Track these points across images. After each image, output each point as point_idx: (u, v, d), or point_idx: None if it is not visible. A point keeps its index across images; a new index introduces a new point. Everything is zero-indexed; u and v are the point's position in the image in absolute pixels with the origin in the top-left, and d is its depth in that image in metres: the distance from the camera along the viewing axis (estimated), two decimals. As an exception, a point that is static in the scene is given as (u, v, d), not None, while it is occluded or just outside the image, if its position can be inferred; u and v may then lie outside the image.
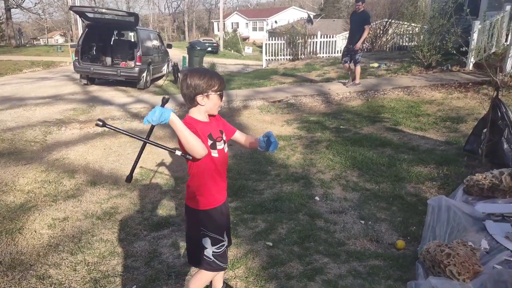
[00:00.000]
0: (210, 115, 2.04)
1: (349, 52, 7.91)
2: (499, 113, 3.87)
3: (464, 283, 2.39)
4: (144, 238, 3.16)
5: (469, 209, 3.27)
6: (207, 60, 16.73)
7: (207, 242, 2.06)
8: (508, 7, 7.72)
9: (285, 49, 15.58)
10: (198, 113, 1.99)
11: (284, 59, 15.61)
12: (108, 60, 10.85)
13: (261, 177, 4.34)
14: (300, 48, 15.13)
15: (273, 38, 16.90)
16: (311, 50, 15.48)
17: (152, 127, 1.84)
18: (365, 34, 7.76)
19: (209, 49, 29.61)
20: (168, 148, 1.95)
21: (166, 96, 2.02)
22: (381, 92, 7.79)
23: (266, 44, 16.17)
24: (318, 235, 3.17)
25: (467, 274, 2.41)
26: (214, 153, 1.99)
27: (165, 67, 12.18)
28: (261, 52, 17.85)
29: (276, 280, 2.61)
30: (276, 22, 41.20)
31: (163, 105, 1.84)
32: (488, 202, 3.43)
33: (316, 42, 15.56)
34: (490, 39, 7.89)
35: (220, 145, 2.03)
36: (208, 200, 2.04)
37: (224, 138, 2.08)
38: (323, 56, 15.29)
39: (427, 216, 3.03)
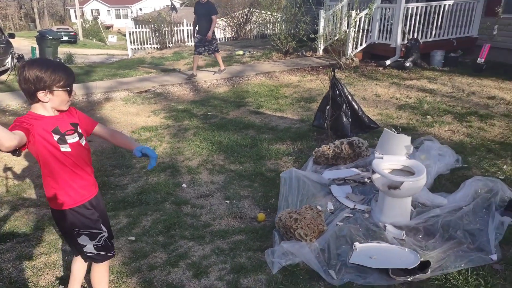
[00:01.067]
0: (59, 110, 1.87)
1: (203, 43, 7.98)
2: (337, 91, 4.41)
3: (311, 242, 2.69)
4: (-18, 255, 2.74)
5: (317, 177, 3.67)
6: (63, 50, 15.11)
7: (84, 239, 1.96)
8: (345, -1, 8.78)
9: (152, 38, 15.04)
10: (43, 109, 1.80)
11: (151, 48, 15.06)
12: None
13: (125, 171, 4.15)
14: (167, 36, 14.79)
15: (139, 26, 16.12)
16: (179, 39, 15.26)
17: None
18: (214, 24, 7.88)
19: (66, 38, 26.84)
20: None
21: None
22: (246, 78, 8.14)
23: (130, 32, 15.35)
24: (184, 221, 3.19)
25: (313, 234, 2.71)
26: (65, 148, 1.84)
27: (8, 60, 10.60)
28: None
29: (139, 273, 2.55)
30: (141, 9, 39.28)
31: None
32: (332, 169, 3.90)
33: (183, 30, 15.38)
34: (334, 27, 8.88)
35: (72, 139, 1.87)
36: (72, 199, 1.90)
37: (79, 131, 1.93)
38: (191, 45, 15.19)
39: (281, 188, 3.31)
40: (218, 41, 15.15)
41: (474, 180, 3.33)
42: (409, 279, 2.41)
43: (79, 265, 2.20)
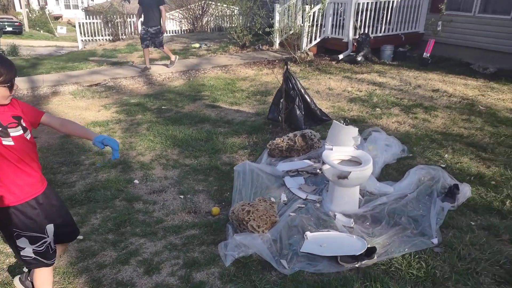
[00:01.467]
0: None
1: (150, 36, 7.71)
2: (290, 84, 4.47)
3: (263, 233, 2.72)
4: None
5: (271, 169, 3.71)
6: (7, 42, 14.19)
7: (23, 242, 1.86)
8: (300, -7, 8.88)
9: (104, 29, 14.44)
10: None
11: (103, 39, 14.47)
12: None
13: (73, 168, 3.98)
14: (120, 28, 14.27)
15: (90, 17, 15.42)
16: (133, 30, 14.77)
17: None
18: (164, 15, 7.65)
19: (9, 29, 25.18)
20: None
21: None
22: (202, 71, 8.05)
23: (81, 23, 14.64)
24: (136, 218, 3.12)
25: (265, 225, 2.75)
26: (7, 141, 1.75)
27: None
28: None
29: (87, 273, 2.47)
30: (92, -1, 37.56)
31: None
32: (286, 161, 3.96)
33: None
34: (289, 21, 8.98)
35: (15, 132, 1.78)
36: (14, 196, 1.80)
37: (23, 124, 1.83)
38: (146, 37, 14.77)
39: (234, 181, 3.32)
40: (174, 34, 14.88)
41: (417, 168, 3.52)
42: (357, 265, 2.51)
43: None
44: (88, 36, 14.62)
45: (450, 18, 8.16)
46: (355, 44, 8.34)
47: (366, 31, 8.36)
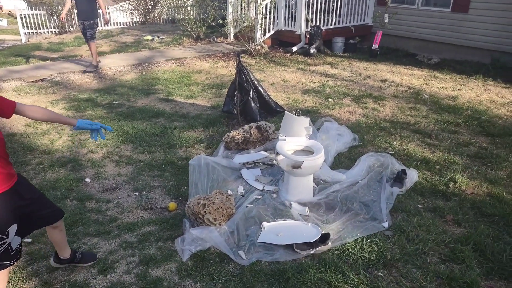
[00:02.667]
0: None
1: (84, 29, 7.22)
2: (243, 76, 4.48)
3: (220, 226, 2.73)
4: None
5: (227, 162, 3.72)
6: None
7: None
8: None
9: (49, 22, 13.64)
10: None
11: (49, 32, 13.67)
12: None
13: (19, 168, 3.76)
14: (67, 20, 13.53)
15: (33, 8, 14.48)
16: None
17: None
18: (103, 5, 7.28)
19: None
20: None
21: None
22: (155, 65, 7.85)
23: (23, 15, 13.73)
24: (88, 217, 3.01)
25: (222, 218, 2.76)
26: None
27: None
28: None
29: (37, 276, 2.36)
30: (35, -11, 35.26)
31: None
32: (243, 153, 3.98)
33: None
34: (242, 13, 8.95)
35: None
36: None
37: None
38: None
39: (190, 175, 3.29)
40: (125, 26, 14.36)
41: (367, 156, 3.67)
42: (312, 252, 2.58)
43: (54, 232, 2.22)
44: (32, 28, 13.74)
45: (395, 11, 8.51)
46: (308, 36, 8.48)
47: (318, 24, 8.53)
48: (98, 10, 7.46)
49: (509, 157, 3.91)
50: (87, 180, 3.61)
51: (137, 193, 3.42)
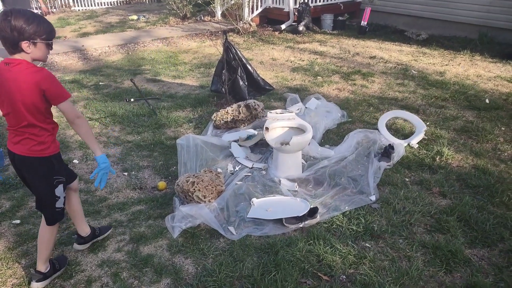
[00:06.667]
0: None
1: None
2: (231, 55, 4.42)
3: (209, 203, 2.75)
4: None
5: (217, 140, 3.71)
6: None
7: (59, 190, 2.07)
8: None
9: (31, 2, 13.19)
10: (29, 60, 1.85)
11: (30, 13, 13.27)
12: None
13: (4, 151, 3.71)
14: (49, 0, 13.14)
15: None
16: (64, 3, 13.68)
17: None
18: None
19: None
20: None
21: None
22: (141, 45, 7.70)
23: (1, -5, 13.28)
24: (77, 198, 3.00)
25: (211, 195, 2.77)
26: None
27: None
28: None
29: (27, 257, 2.37)
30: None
31: None
32: (232, 132, 3.98)
33: (68, -7, 13.78)
34: (229, -10, 8.78)
35: None
36: (55, 145, 2.03)
37: None
38: (78, 10, 13.76)
39: (179, 155, 3.28)
40: (110, 6, 13.98)
41: (356, 132, 3.69)
42: (301, 225, 2.62)
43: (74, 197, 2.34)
44: (12, 9, 13.33)
45: (385, -13, 8.42)
46: (296, 13, 8.37)
47: (306, 0, 8.41)
48: None
49: (495, 130, 3.97)
50: (75, 161, 3.58)
51: (126, 174, 3.40)
